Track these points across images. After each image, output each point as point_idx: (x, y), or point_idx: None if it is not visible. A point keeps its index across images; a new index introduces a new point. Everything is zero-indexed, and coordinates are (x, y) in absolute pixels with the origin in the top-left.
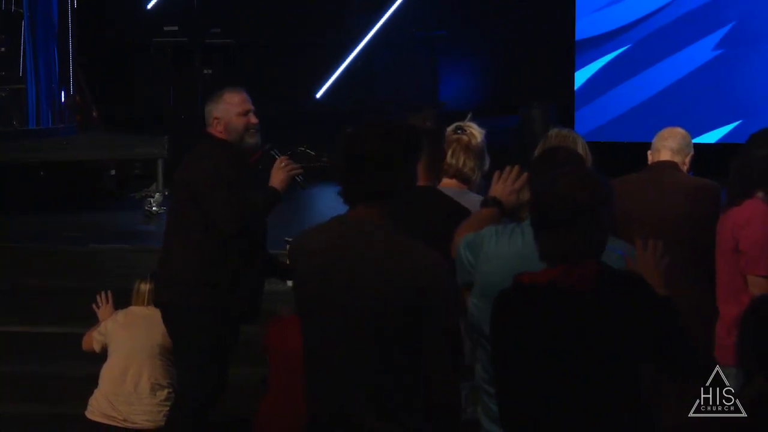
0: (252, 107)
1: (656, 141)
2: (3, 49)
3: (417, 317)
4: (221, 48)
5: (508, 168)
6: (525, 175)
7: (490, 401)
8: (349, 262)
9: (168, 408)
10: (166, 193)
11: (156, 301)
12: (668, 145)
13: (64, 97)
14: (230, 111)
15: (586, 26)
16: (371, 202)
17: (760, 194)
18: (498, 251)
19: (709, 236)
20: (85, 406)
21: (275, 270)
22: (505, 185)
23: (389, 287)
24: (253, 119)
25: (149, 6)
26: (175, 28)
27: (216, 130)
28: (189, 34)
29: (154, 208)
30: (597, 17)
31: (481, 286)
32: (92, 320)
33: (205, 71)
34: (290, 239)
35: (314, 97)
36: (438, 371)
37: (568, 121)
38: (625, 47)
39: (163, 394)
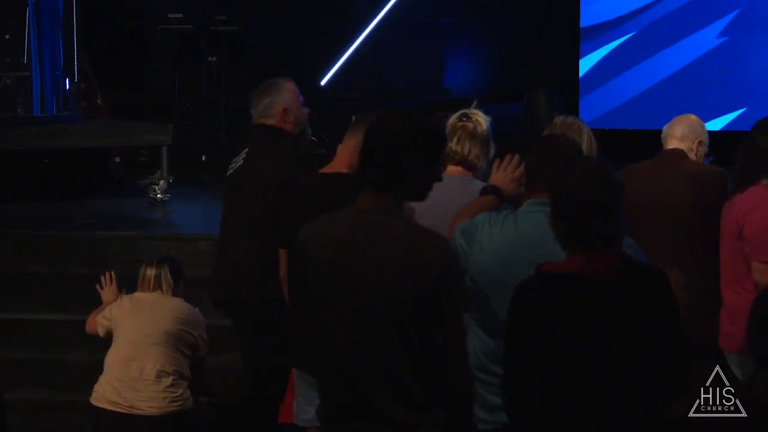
0: None
1: (665, 129)
2: (8, 36)
3: (433, 303)
4: (226, 35)
5: (508, 156)
6: (525, 163)
7: (484, 390)
8: (365, 249)
9: (173, 394)
10: (171, 180)
11: (221, 299)
12: (673, 133)
13: (69, 84)
14: (295, 101)
15: (591, 13)
16: (382, 189)
17: (764, 181)
18: (491, 239)
19: (716, 223)
20: (91, 392)
21: None
22: (505, 174)
23: (407, 274)
24: (307, 109)
25: None
26: (180, 15)
27: (284, 121)
28: (194, 22)
29: (158, 196)
30: (602, 4)
31: (474, 273)
32: (98, 306)
33: (210, 58)
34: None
35: (319, 84)
36: (453, 355)
37: (573, 109)
38: (630, 34)
39: (168, 380)
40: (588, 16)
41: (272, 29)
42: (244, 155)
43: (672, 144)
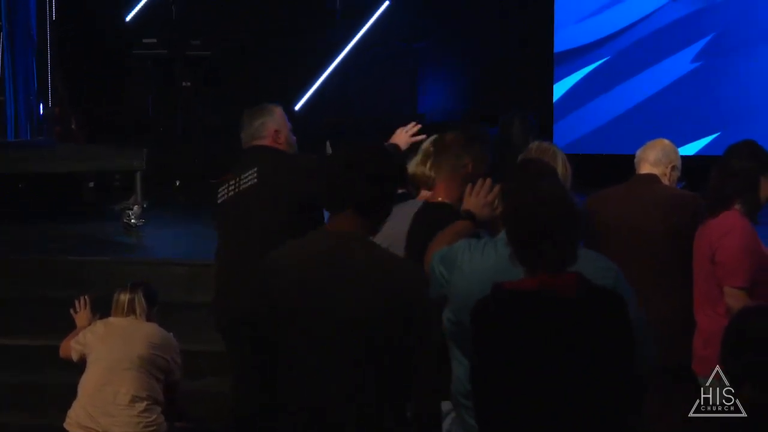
0: None
1: (638, 153)
2: None
3: (401, 328)
4: (201, 60)
5: (480, 181)
6: (497, 187)
7: (467, 414)
8: (333, 274)
9: (147, 419)
10: (145, 205)
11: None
12: (647, 158)
13: (43, 109)
14: (285, 124)
15: (564, 38)
16: (354, 214)
17: (737, 206)
18: (472, 266)
19: (689, 248)
20: (64, 417)
21: None
22: (477, 198)
23: (376, 299)
24: (294, 136)
25: (128, 18)
26: (154, 40)
27: (277, 141)
28: (168, 47)
29: (132, 221)
30: (576, 30)
31: (456, 301)
32: (72, 330)
33: (185, 83)
34: None
35: (293, 109)
36: (421, 381)
37: (547, 134)
38: (604, 59)
39: (141, 405)
40: (562, 41)
41: (246, 54)
42: (254, 173)
43: (645, 169)
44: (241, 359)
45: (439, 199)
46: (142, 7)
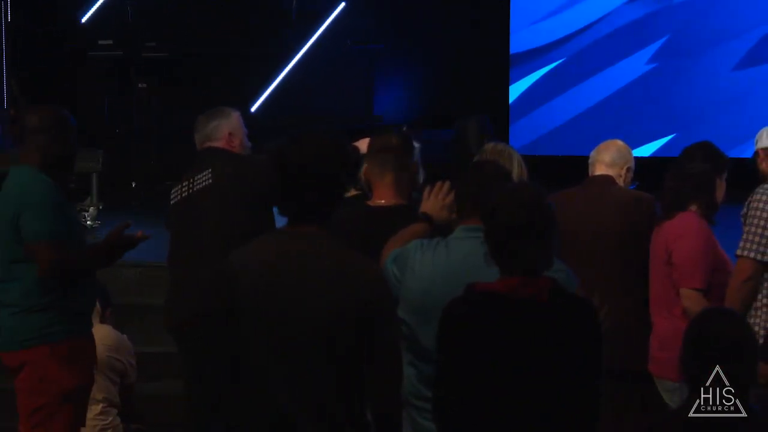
0: None
1: (592, 155)
2: None
3: (365, 329)
4: (156, 61)
5: (438, 183)
6: (455, 190)
7: (418, 415)
8: (296, 276)
9: (103, 422)
10: (101, 206)
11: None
12: (602, 159)
13: None
14: (240, 128)
15: (520, 40)
16: (312, 215)
17: (693, 207)
18: (423, 266)
19: (645, 249)
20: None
21: None
22: (435, 201)
23: (339, 300)
24: (249, 143)
25: (84, 20)
26: (110, 42)
27: (230, 144)
28: (124, 48)
29: (88, 222)
30: (531, 31)
31: (407, 301)
32: None
33: (141, 85)
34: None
35: (249, 110)
36: (384, 381)
37: (503, 135)
38: (560, 61)
39: (97, 408)
40: (518, 43)
41: (203, 55)
42: (208, 174)
43: (600, 170)
44: (196, 360)
45: (383, 201)
46: (97, 8)
